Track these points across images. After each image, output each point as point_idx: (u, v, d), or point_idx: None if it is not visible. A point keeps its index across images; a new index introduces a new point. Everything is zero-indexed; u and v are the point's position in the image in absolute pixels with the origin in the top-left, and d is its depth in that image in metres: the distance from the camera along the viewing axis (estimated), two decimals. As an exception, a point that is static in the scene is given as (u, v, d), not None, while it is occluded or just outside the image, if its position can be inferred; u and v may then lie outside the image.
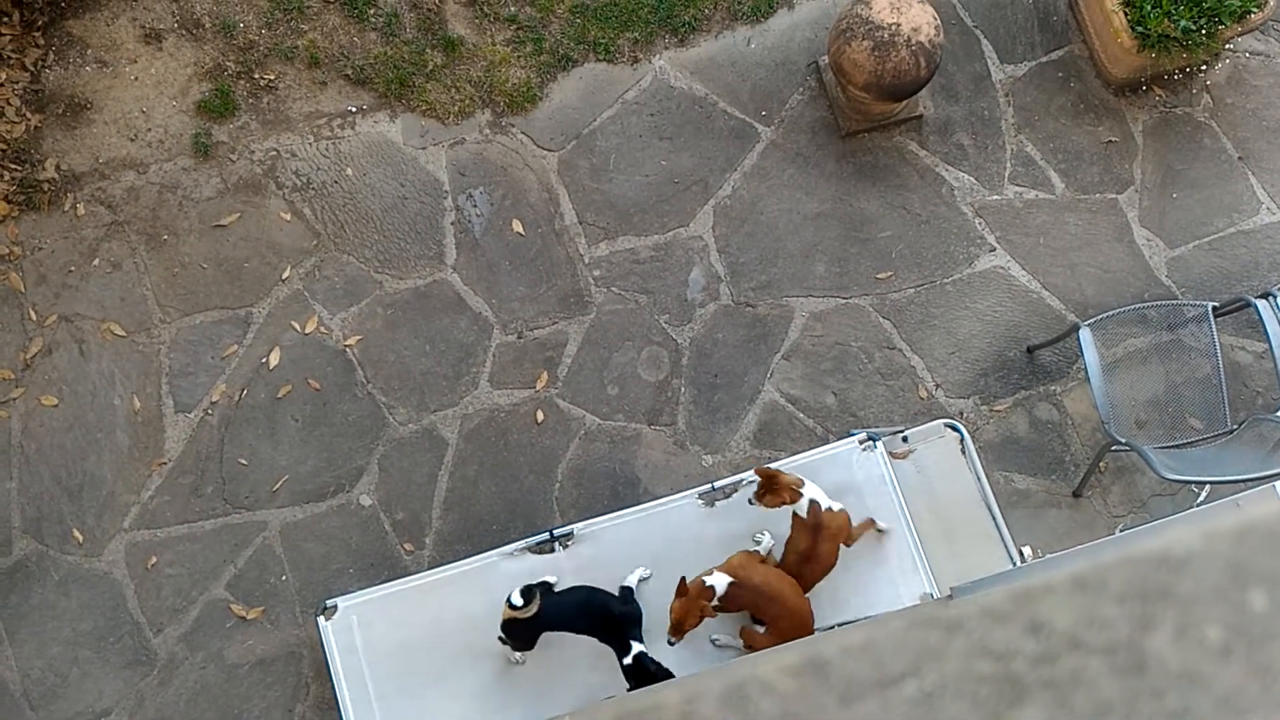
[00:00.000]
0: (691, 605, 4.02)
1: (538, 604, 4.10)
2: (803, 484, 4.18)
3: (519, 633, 4.21)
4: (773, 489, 4.16)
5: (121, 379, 5.06)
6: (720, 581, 4.05)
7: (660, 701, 0.84)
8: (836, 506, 4.20)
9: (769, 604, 4.14)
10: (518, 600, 4.07)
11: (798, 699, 0.80)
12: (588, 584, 4.29)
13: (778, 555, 4.31)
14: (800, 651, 0.85)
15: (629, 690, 4.14)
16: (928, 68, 4.86)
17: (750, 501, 4.24)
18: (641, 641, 4.14)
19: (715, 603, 4.05)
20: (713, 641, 4.29)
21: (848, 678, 0.82)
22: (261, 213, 5.21)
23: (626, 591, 4.28)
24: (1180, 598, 0.82)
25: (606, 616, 4.19)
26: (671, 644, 4.10)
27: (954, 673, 0.82)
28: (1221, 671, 0.84)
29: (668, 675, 4.12)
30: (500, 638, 4.28)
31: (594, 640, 4.24)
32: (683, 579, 4.07)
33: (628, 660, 4.10)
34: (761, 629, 4.20)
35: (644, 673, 4.09)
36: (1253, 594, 0.86)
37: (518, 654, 4.33)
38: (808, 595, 4.17)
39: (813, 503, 4.16)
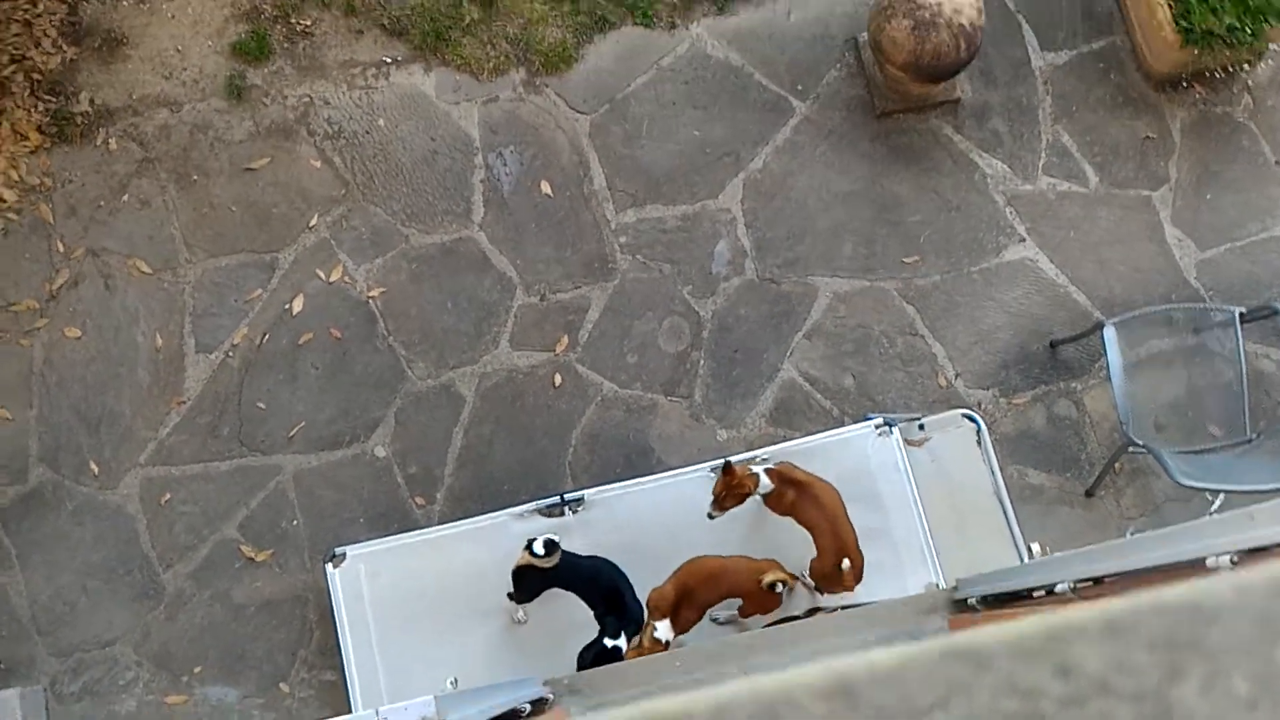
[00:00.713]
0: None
1: (558, 558, 4.14)
2: (748, 467, 4.21)
3: (527, 582, 4.24)
4: (732, 488, 4.16)
5: (145, 316, 5.08)
6: (664, 631, 4.06)
7: (689, 709, 0.85)
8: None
9: (711, 585, 4.18)
10: (540, 550, 4.10)
11: (828, 724, 0.81)
12: (603, 554, 4.32)
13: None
14: (829, 674, 0.86)
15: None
16: (968, 50, 4.82)
17: (710, 515, 4.23)
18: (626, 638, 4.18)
19: (668, 641, 4.08)
20: (714, 620, 4.32)
21: (877, 706, 0.83)
22: (292, 158, 5.21)
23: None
24: (1210, 648, 0.82)
25: (617, 595, 4.22)
26: None
27: (983, 708, 0.83)
28: (1247, 723, 0.85)
29: None
30: (509, 594, 4.32)
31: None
32: (630, 641, 4.11)
33: (608, 644, 4.13)
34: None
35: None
36: (1281, 648, 0.86)
37: (520, 612, 4.37)
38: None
39: (768, 471, 4.19)
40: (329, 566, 4.48)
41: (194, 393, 5.03)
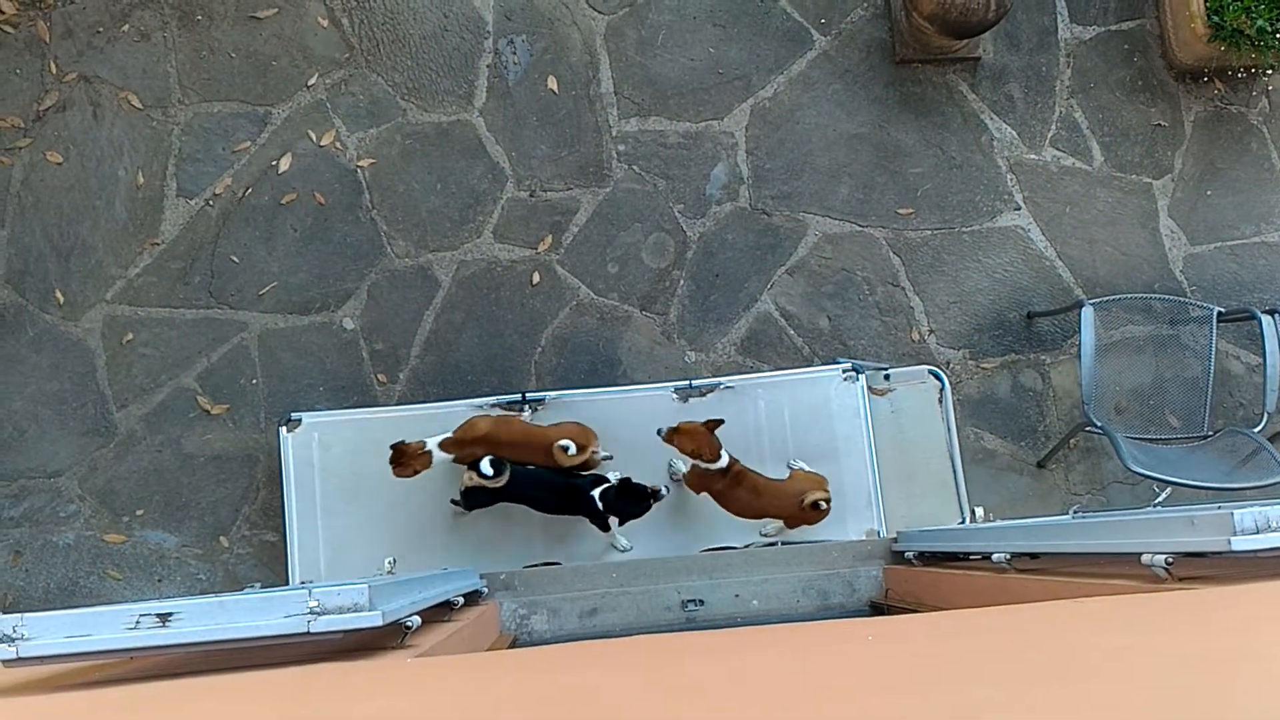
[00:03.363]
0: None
1: (506, 476, 4.16)
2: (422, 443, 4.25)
3: (479, 500, 4.27)
4: (400, 461, 4.23)
5: (130, 151, 5.00)
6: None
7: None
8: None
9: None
10: (488, 470, 4.11)
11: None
12: None
13: None
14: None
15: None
16: (997, 11, 4.75)
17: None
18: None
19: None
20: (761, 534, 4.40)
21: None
22: (300, 13, 5.10)
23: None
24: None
25: (572, 490, 4.26)
26: None
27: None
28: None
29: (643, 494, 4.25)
30: (453, 500, 4.34)
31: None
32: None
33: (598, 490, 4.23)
34: None
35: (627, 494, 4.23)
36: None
37: (462, 510, 4.40)
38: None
39: (441, 443, 4.26)
40: (283, 430, 4.48)
41: (169, 236, 4.97)
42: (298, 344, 4.94)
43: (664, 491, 4.23)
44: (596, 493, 4.20)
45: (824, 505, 4.16)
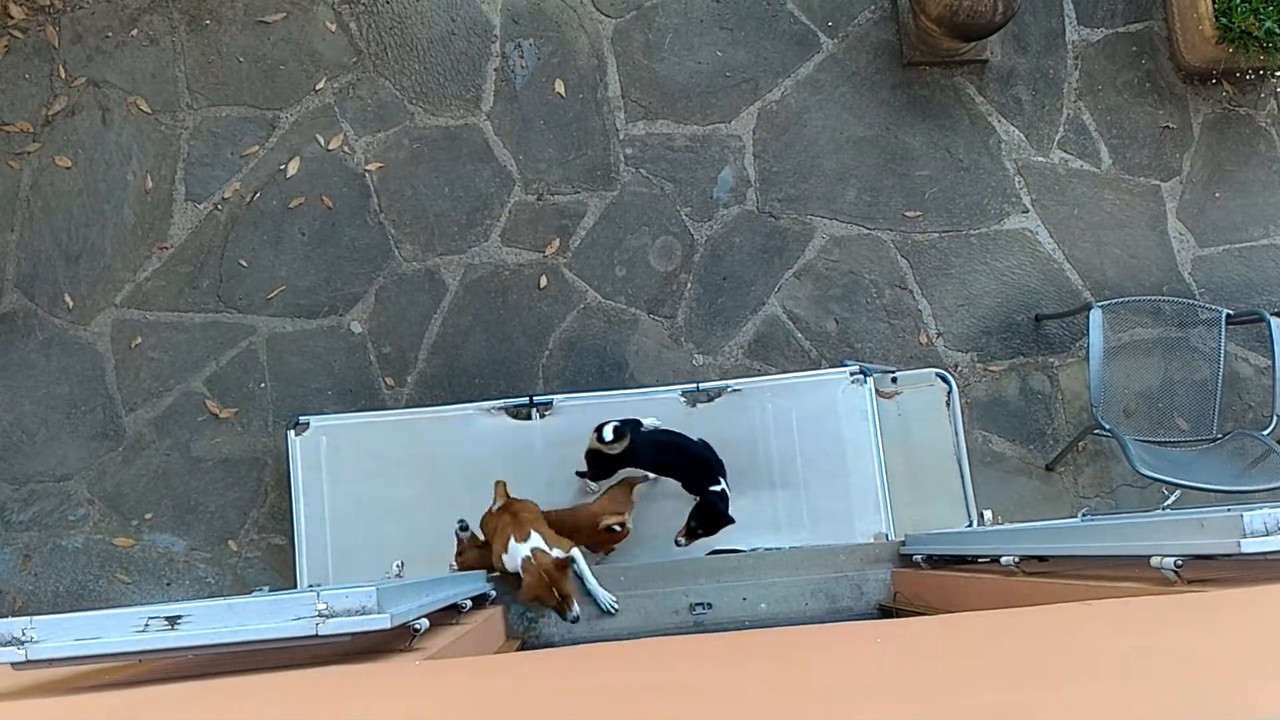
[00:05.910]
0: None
1: (626, 442, 4.16)
2: None
3: (600, 465, 4.28)
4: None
5: (139, 155, 5.01)
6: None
7: None
8: None
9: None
10: (609, 436, 4.13)
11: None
12: (560, 462, 4.35)
13: None
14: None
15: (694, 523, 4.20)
16: (1004, 14, 4.75)
17: None
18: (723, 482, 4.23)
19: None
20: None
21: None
22: (308, 17, 5.11)
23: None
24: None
25: (696, 459, 4.26)
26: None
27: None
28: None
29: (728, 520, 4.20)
30: (578, 472, 4.36)
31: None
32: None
33: (713, 490, 4.18)
34: None
35: (713, 510, 4.17)
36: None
37: (592, 486, 4.40)
38: None
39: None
40: (291, 433, 4.49)
41: (178, 241, 4.98)
42: (305, 348, 4.95)
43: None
44: (716, 489, 4.19)
45: (619, 529, 4.16)
